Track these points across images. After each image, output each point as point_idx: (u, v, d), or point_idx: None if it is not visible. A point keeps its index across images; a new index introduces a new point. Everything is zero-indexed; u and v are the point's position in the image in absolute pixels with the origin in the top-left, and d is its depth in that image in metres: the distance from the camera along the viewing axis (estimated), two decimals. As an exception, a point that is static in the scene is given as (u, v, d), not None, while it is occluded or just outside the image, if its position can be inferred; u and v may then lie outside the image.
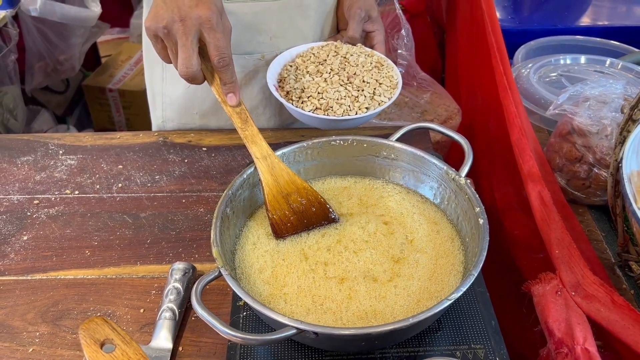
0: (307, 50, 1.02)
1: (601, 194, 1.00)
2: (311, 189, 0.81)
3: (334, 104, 0.91)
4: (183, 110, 1.14)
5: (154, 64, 1.13)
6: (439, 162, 0.80)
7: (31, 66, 2.01)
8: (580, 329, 0.67)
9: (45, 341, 0.76)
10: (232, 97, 0.82)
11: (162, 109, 1.16)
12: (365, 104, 0.92)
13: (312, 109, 0.92)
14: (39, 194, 0.99)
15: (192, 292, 0.62)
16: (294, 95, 0.94)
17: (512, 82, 1.03)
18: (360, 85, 0.94)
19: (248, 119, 0.82)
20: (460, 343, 0.69)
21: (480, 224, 0.69)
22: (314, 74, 0.96)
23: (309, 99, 0.93)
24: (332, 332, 0.59)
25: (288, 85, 0.96)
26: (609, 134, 0.97)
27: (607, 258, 0.93)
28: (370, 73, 0.96)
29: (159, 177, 1.03)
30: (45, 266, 0.87)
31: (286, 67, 1.00)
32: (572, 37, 1.54)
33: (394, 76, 0.98)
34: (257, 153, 0.80)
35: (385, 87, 0.95)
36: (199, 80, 0.83)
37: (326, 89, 0.93)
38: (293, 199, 0.80)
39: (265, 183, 0.79)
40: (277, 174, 0.80)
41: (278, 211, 0.79)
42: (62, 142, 1.11)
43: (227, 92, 0.82)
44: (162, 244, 0.90)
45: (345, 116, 0.91)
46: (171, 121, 1.17)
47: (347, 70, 0.96)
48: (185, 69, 0.79)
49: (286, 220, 0.79)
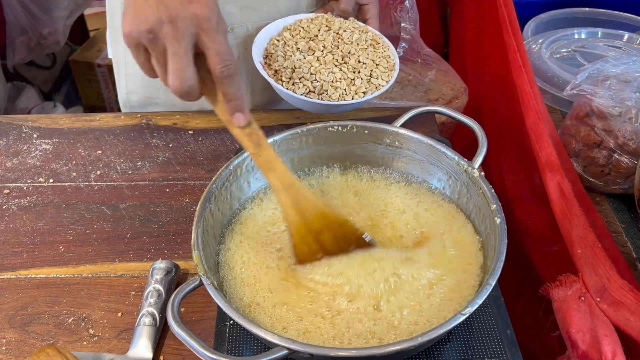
0: (295, 23, 0.93)
1: (621, 182, 0.92)
2: (347, 222, 0.69)
3: (328, 87, 0.83)
4: (147, 82, 1.04)
5: (117, 33, 1.03)
6: (450, 151, 0.72)
7: (12, 41, 1.92)
8: (609, 342, 0.59)
9: (12, 349, 0.69)
10: (240, 116, 0.65)
11: (125, 80, 1.07)
12: (363, 87, 0.84)
13: (304, 92, 0.83)
14: (10, 183, 0.91)
15: (169, 307, 0.54)
16: (283, 75, 0.85)
17: (526, 59, 0.95)
18: (356, 66, 0.86)
19: (261, 140, 0.67)
20: (472, 356, 0.62)
21: (497, 223, 0.62)
22: (305, 52, 0.87)
23: (301, 80, 0.84)
24: (329, 353, 0.51)
25: (276, 63, 0.86)
26: (633, 116, 0.89)
27: (627, 252, 0.86)
28: (365, 52, 0.88)
29: (141, 163, 0.95)
30: (14, 264, 0.79)
31: (272, 41, 0.90)
32: (585, 10, 1.45)
33: (391, 56, 0.90)
34: (276, 184, 0.67)
35: (383, 69, 0.87)
36: (195, 97, 0.65)
37: (319, 69, 0.84)
38: (325, 237, 0.68)
39: (291, 222, 0.67)
40: (303, 207, 0.67)
41: (308, 255, 0.68)
42: (37, 124, 1.03)
43: (234, 111, 0.65)
44: (143, 239, 0.82)
45: (341, 101, 0.82)
46: (135, 94, 1.07)
47: (340, 49, 0.87)
48: (179, 83, 0.62)
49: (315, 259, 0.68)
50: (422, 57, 1.33)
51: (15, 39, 1.93)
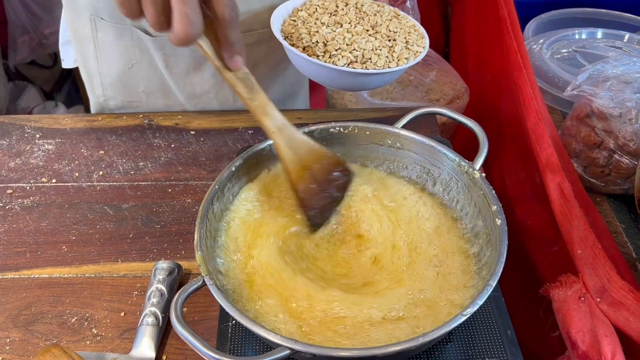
0: (305, 3, 0.88)
1: (622, 183, 0.92)
2: (332, 154, 0.72)
3: (371, 55, 0.78)
4: (127, 89, 1.05)
5: (84, 42, 1.02)
6: (451, 152, 0.72)
7: (14, 40, 1.92)
8: (608, 342, 0.60)
9: (16, 349, 0.70)
10: (239, 59, 0.64)
11: (102, 88, 1.06)
12: (405, 53, 0.80)
13: (346, 64, 0.78)
14: (13, 183, 0.92)
15: (172, 307, 0.55)
16: (317, 49, 0.79)
17: (527, 60, 0.95)
18: (389, 35, 0.81)
19: (254, 85, 0.67)
20: (473, 356, 0.62)
21: (497, 224, 0.62)
22: (331, 25, 0.82)
23: (339, 52, 0.78)
24: (331, 353, 0.51)
25: (302, 41, 0.81)
26: (633, 117, 0.89)
27: (627, 252, 0.86)
28: (392, 23, 0.84)
29: (143, 163, 0.95)
30: (17, 264, 0.79)
31: (288, 21, 0.85)
32: (585, 10, 1.45)
33: (416, 25, 0.87)
34: (271, 126, 0.68)
35: (415, 37, 0.83)
36: (195, 41, 0.61)
37: (355, 39, 0.79)
38: (316, 168, 0.71)
39: (287, 159, 0.70)
40: (296, 145, 0.70)
41: (304, 186, 0.71)
42: (40, 124, 1.03)
43: (235, 54, 0.63)
44: (145, 239, 0.83)
45: (386, 69, 0.78)
46: (114, 99, 1.07)
47: (367, 20, 0.83)
48: (188, 29, 0.57)
49: (313, 193, 0.71)
50: (424, 57, 1.33)
51: (17, 38, 1.93)
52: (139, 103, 1.07)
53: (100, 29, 0.97)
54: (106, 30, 0.97)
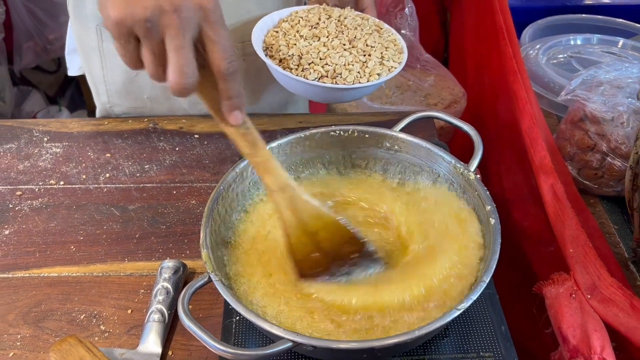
0: (290, 15, 0.90)
1: (614, 185, 0.95)
2: (341, 225, 0.67)
3: (342, 70, 0.80)
4: (132, 95, 1.07)
5: (90, 51, 1.04)
6: (447, 154, 0.74)
7: (19, 46, 1.95)
8: (598, 337, 0.62)
9: (27, 344, 0.72)
10: (238, 114, 0.61)
11: (107, 96, 1.09)
12: (377, 69, 0.82)
13: (316, 77, 0.80)
14: (22, 185, 0.94)
15: (179, 302, 0.57)
16: (290, 62, 0.82)
17: (522, 65, 0.97)
18: (365, 50, 0.83)
19: (257, 140, 0.63)
20: (468, 350, 0.64)
21: (491, 224, 0.64)
22: (309, 39, 0.84)
23: (311, 65, 0.81)
24: (331, 345, 0.54)
25: (279, 52, 0.83)
26: (624, 121, 0.91)
27: (620, 252, 0.88)
28: (372, 37, 0.85)
29: (149, 166, 0.98)
30: (27, 263, 0.82)
31: (270, 32, 0.88)
32: (581, 16, 1.47)
33: (397, 40, 0.89)
34: (272, 185, 0.65)
35: (392, 52, 0.85)
36: (191, 93, 0.60)
37: (328, 54, 0.81)
38: (321, 236, 0.66)
39: (286, 223, 0.66)
40: (298, 208, 0.65)
41: (304, 254, 0.66)
42: (48, 128, 1.06)
43: (233, 109, 0.61)
44: (151, 239, 0.85)
45: (356, 84, 0.80)
46: (119, 106, 1.10)
47: (345, 34, 0.84)
48: (182, 79, 0.56)
49: (315, 264, 0.67)
50: (422, 63, 1.36)
51: (22, 44, 1.96)
52: (143, 109, 1.10)
53: (105, 39, 1.00)
54: (112, 40, 1.00)
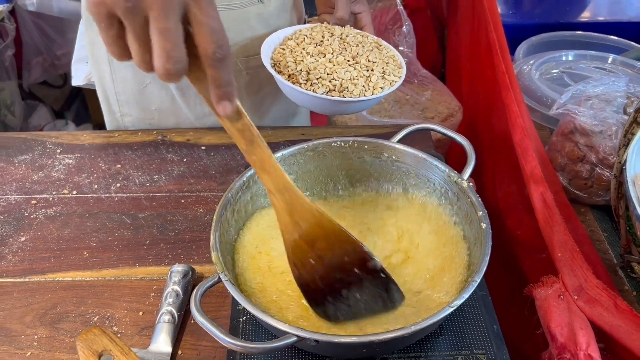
0: (295, 33, 0.97)
1: (603, 194, 0.99)
2: (345, 232, 0.64)
3: (348, 84, 0.87)
4: (140, 107, 1.11)
5: (100, 61, 1.08)
6: (441, 164, 0.79)
7: (28, 61, 2.00)
8: (583, 334, 0.66)
9: (43, 345, 0.76)
10: (227, 105, 0.55)
11: (118, 106, 1.13)
12: (380, 83, 0.89)
13: (325, 91, 0.87)
14: (37, 194, 0.98)
15: (192, 299, 0.61)
16: (300, 78, 0.88)
17: (514, 80, 1.02)
18: (368, 65, 0.90)
19: (255, 137, 0.59)
20: (462, 348, 0.68)
21: (483, 228, 0.69)
22: (315, 55, 0.91)
23: (319, 80, 0.87)
24: (333, 339, 0.58)
25: (288, 68, 0.89)
26: (612, 133, 0.96)
27: (609, 259, 0.92)
28: (373, 53, 0.92)
29: (158, 176, 1.02)
30: (43, 268, 0.86)
31: (277, 50, 0.94)
32: (573, 33, 1.53)
33: (395, 56, 0.96)
34: (270, 185, 0.61)
35: (392, 67, 0.92)
36: (180, 79, 0.53)
37: (335, 69, 0.88)
38: (320, 246, 0.63)
39: (285, 228, 0.63)
40: (298, 213, 0.62)
41: (302, 260, 0.64)
42: (60, 140, 1.10)
43: (222, 99, 0.54)
44: (161, 245, 0.89)
45: (361, 97, 0.87)
46: (129, 116, 1.14)
47: (349, 51, 0.91)
48: (169, 64, 0.50)
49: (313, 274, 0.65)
50: (419, 78, 1.40)
51: (31, 59, 2.01)
52: (151, 120, 1.14)
53: None
54: None
